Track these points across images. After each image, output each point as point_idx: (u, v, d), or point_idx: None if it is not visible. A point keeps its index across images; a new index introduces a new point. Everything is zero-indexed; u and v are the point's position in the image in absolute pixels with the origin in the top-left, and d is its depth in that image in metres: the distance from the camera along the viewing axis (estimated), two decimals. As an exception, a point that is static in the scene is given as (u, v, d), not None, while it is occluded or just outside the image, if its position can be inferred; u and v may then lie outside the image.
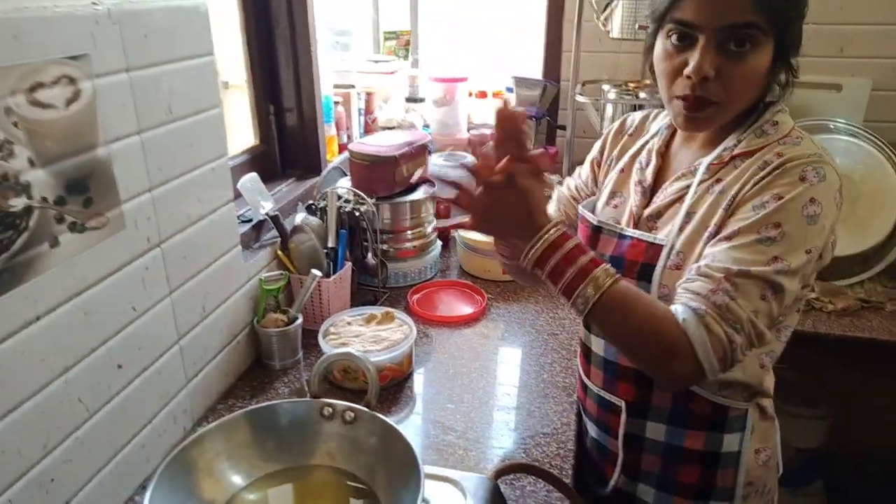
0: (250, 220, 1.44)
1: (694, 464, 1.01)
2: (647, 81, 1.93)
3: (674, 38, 0.86)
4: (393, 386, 1.29)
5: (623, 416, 1.04)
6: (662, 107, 0.98)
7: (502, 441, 1.15)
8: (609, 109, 1.88)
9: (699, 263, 0.84)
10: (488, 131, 2.18)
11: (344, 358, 0.81)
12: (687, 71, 0.84)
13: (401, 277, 1.71)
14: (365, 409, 0.77)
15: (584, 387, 1.14)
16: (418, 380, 1.33)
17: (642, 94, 1.84)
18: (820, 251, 0.84)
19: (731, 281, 0.80)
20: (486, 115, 2.31)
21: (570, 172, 1.98)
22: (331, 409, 0.77)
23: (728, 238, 0.83)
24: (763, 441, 1.02)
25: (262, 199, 1.45)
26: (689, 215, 0.92)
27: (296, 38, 1.64)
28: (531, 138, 0.81)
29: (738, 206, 0.86)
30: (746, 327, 0.80)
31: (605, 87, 1.92)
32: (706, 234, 0.88)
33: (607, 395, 1.07)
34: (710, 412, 0.98)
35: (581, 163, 1.20)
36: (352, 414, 0.77)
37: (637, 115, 1.12)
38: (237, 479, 0.70)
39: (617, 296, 0.81)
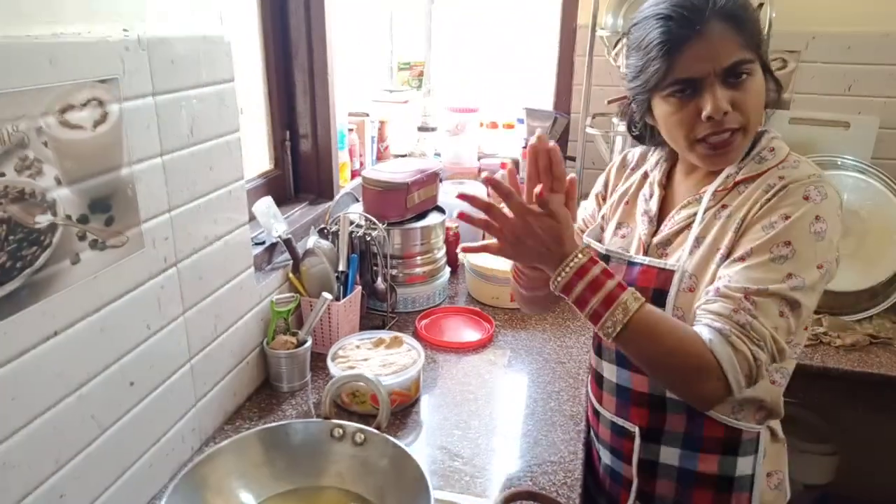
0: (263, 243, 1.46)
1: (708, 488, 1.02)
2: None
3: (677, 95, 0.91)
4: (400, 411, 1.29)
5: (637, 442, 1.05)
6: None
7: (509, 468, 1.15)
8: (619, 142, 1.90)
9: (717, 285, 0.87)
10: (498, 161, 2.21)
11: (355, 380, 0.82)
12: (706, 113, 0.88)
13: (409, 303, 1.72)
14: (375, 431, 0.78)
15: (597, 413, 1.14)
16: (425, 405, 1.34)
17: (651, 128, 1.87)
18: (830, 266, 0.87)
19: (750, 300, 0.84)
20: (496, 146, 2.34)
21: (581, 201, 2.01)
22: (341, 431, 0.78)
23: (742, 259, 0.87)
24: (774, 464, 1.04)
25: (276, 223, 1.47)
26: (698, 240, 0.95)
27: (314, 67, 1.68)
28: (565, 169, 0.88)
29: (747, 228, 0.89)
30: (769, 344, 0.83)
31: (615, 119, 1.95)
32: (717, 256, 0.91)
33: (620, 421, 1.07)
34: (724, 435, 0.99)
35: (587, 196, 1.23)
36: (362, 436, 0.78)
37: (636, 151, 1.16)
38: (248, 499, 0.70)
39: (644, 320, 0.84)
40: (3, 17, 0.72)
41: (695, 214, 0.97)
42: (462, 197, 0.87)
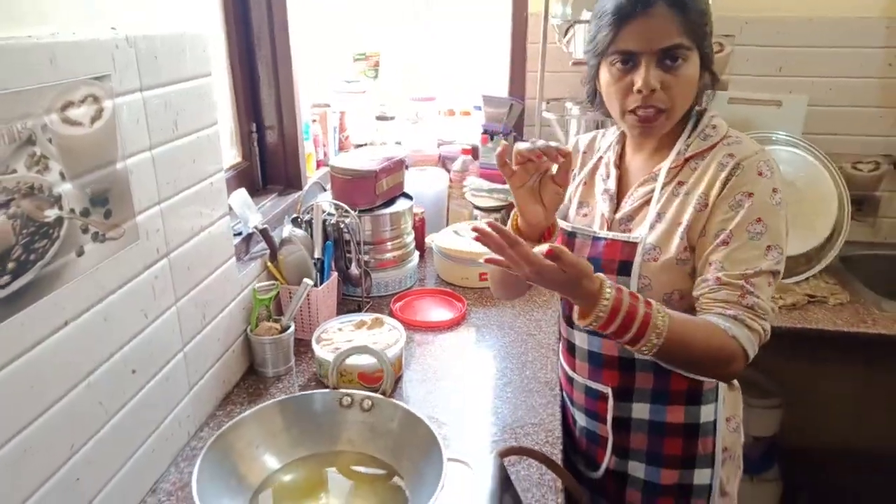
0: (240, 234, 1.49)
1: (677, 436, 1.12)
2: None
3: (618, 64, 1.00)
4: (382, 388, 1.35)
5: (610, 402, 1.15)
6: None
7: (494, 432, 1.23)
8: (573, 125, 2.00)
9: (714, 274, 0.97)
10: (458, 147, 2.28)
11: (361, 351, 0.87)
12: (636, 86, 0.99)
13: (382, 287, 1.78)
14: (381, 396, 0.84)
15: (570, 380, 1.24)
16: (408, 381, 1.40)
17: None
18: (788, 226, 1.00)
19: (749, 282, 0.95)
20: (454, 133, 2.41)
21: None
22: (350, 399, 0.84)
23: (725, 243, 0.97)
24: (732, 410, 1.16)
25: (251, 213, 1.51)
26: (659, 215, 1.05)
27: (277, 59, 1.71)
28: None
29: (715, 207, 0.99)
30: (770, 314, 0.97)
31: (569, 104, 2.05)
32: (680, 229, 1.02)
33: (594, 384, 1.17)
34: (687, 387, 1.10)
35: None
36: (369, 402, 0.84)
37: (585, 137, 1.27)
38: (272, 463, 0.76)
39: (676, 333, 0.91)
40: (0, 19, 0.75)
41: (652, 191, 1.07)
42: (479, 238, 0.88)
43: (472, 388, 1.38)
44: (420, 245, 1.96)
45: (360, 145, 2.29)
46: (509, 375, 1.42)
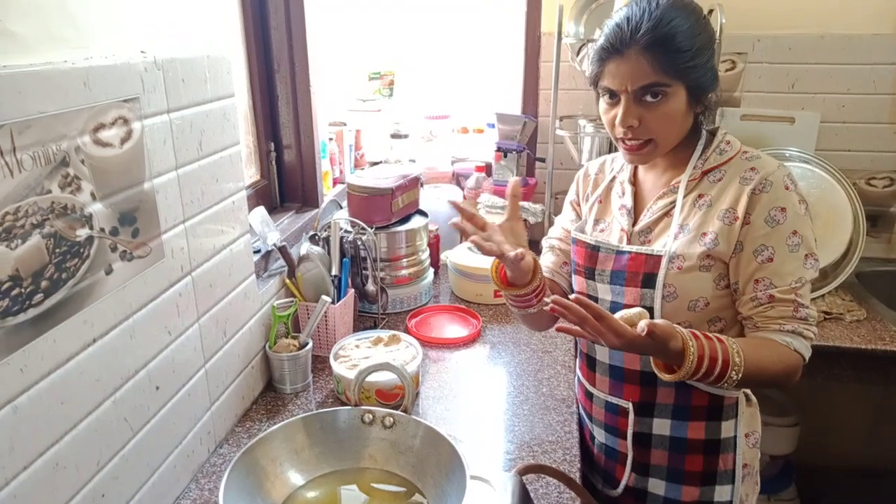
0: (259, 251, 1.51)
1: (698, 452, 1.13)
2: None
3: (606, 97, 1.07)
4: (403, 404, 1.36)
5: (631, 417, 1.15)
6: None
7: (511, 449, 1.23)
8: (587, 142, 2.01)
9: (767, 292, 1.01)
10: (472, 164, 2.30)
11: (381, 368, 0.88)
12: (617, 120, 1.04)
13: (397, 303, 1.79)
14: (403, 413, 0.85)
15: (589, 395, 1.24)
16: (424, 399, 1.41)
17: (616, 128, 1.99)
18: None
19: (798, 295, 1.01)
20: (467, 150, 2.43)
21: (554, 199, 2.11)
22: (371, 416, 0.85)
23: (770, 260, 1.02)
24: (750, 426, 1.16)
25: (270, 231, 1.53)
26: (681, 227, 1.08)
27: (296, 79, 1.74)
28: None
29: (751, 224, 1.02)
30: (816, 317, 1.03)
31: (582, 121, 2.07)
32: (706, 239, 1.05)
33: (614, 399, 1.17)
34: (708, 403, 1.11)
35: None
36: (391, 419, 0.85)
37: (594, 164, 1.30)
38: (296, 479, 0.77)
39: (751, 364, 0.96)
40: (39, 42, 0.77)
41: (671, 203, 1.09)
42: (556, 310, 0.94)
43: (489, 406, 1.38)
44: (434, 262, 1.98)
45: (375, 163, 2.32)
46: (525, 393, 1.42)
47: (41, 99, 0.75)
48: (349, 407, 0.84)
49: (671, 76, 1.00)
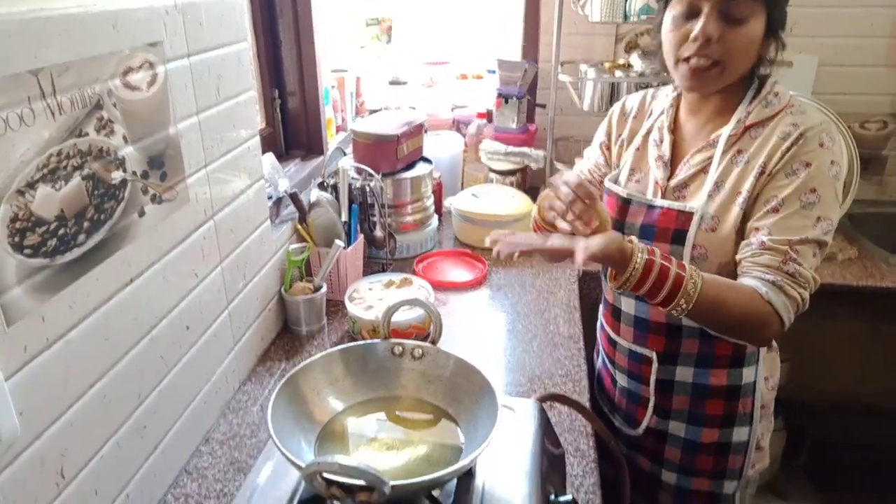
0: (271, 198, 1.53)
1: (719, 397, 1.16)
2: (621, 61, 2.09)
3: (681, 11, 1.00)
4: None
5: (654, 365, 1.18)
6: (640, 86, 1.11)
7: (523, 381, 1.29)
8: (589, 87, 2.03)
9: (759, 238, 0.97)
10: (472, 112, 2.30)
11: (411, 303, 0.93)
12: (693, 34, 0.98)
13: (403, 249, 1.83)
14: (431, 345, 0.90)
15: (613, 342, 1.27)
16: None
17: (618, 73, 2.00)
18: (841, 199, 1.00)
19: (794, 250, 0.95)
20: (467, 97, 2.43)
21: (554, 146, 2.13)
22: (401, 348, 0.89)
23: (776, 210, 0.98)
24: (770, 370, 1.19)
25: (280, 178, 1.54)
26: (717, 185, 1.05)
27: (299, 25, 1.72)
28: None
29: (772, 175, 0.99)
30: (811, 284, 0.97)
31: (583, 67, 2.07)
32: (740, 199, 1.02)
33: (638, 349, 1.20)
34: (732, 352, 1.13)
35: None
36: (420, 350, 0.89)
37: (634, 98, 1.24)
38: (336, 404, 0.81)
39: (709, 294, 0.93)
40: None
41: (709, 159, 1.06)
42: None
43: (500, 344, 1.44)
44: (438, 208, 2.00)
45: (375, 110, 2.31)
46: (533, 330, 1.48)
47: (76, 42, 0.76)
48: (380, 340, 0.89)
49: (761, 1, 0.96)
